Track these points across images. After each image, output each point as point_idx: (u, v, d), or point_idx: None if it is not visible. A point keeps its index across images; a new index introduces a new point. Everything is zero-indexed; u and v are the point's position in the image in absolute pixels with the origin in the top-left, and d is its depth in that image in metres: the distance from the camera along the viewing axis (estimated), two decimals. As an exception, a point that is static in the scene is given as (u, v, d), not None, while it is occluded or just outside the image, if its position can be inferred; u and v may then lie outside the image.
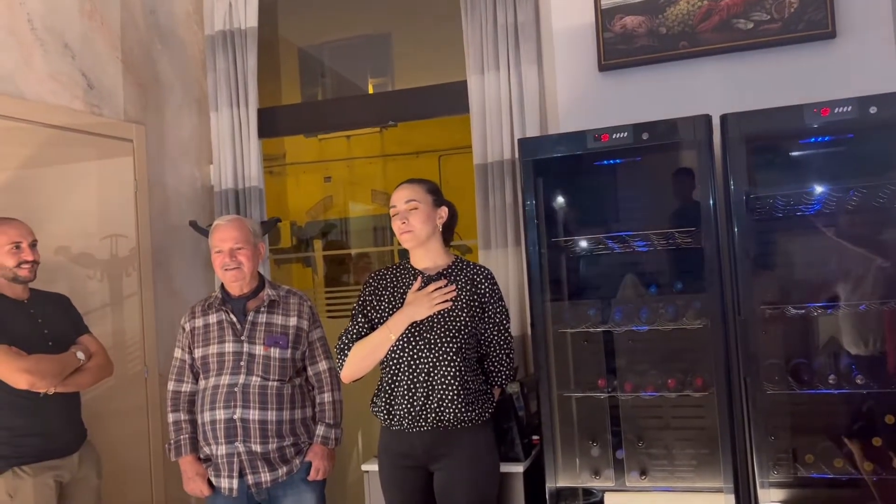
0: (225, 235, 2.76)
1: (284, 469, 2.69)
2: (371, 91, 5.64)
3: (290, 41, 5.30)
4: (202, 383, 2.75)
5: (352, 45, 5.52)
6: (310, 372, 2.82)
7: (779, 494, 2.71)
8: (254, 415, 2.64)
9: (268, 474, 2.66)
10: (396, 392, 2.47)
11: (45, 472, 2.68)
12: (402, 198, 2.53)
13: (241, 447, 2.64)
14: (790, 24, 3.08)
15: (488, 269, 2.59)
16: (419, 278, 2.52)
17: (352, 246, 6.64)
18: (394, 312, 2.50)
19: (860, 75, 3.01)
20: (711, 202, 2.64)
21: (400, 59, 5.49)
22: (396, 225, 2.52)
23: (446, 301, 2.45)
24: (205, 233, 3.64)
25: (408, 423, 2.45)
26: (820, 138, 2.74)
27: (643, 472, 2.96)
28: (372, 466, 2.83)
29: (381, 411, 2.52)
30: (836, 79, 3.04)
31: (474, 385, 2.47)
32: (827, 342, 2.84)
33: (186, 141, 4.05)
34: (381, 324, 2.51)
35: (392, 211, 2.54)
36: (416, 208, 2.51)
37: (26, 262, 2.73)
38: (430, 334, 2.44)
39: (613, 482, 3.00)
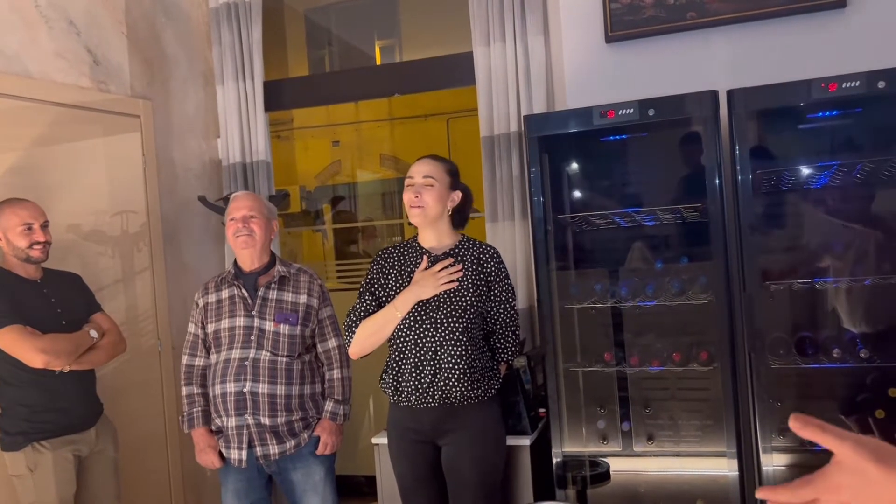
0: (240, 204, 2.80)
1: (292, 442, 2.74)
2: (378, 53, 5.61)
3: (296, 9, 5.26)
4: (214, 357, 2.80)
5: (358, 7, 5.47)
6: (319, 349, 2.87)
7: (781, 459, 2.76)
8: (263, 388, 2.69)
9: (276, 447, 2.72)
10: (404, 370, 2.51)
11: (63, 447, 2.76)
12: (420, 171, 2.53)
13: (250, 419, 2.70)
14: (800, -6, 3.03)
15: (494, 248, 2.61)
16: (425, 257, 2.54)
17: (360, 210, 6.66)
18: (401, 290, 2.52)
19: (871, 46, 2.96)
20: (717, 177, 2.65)
21: (407, 20, 5.45)
22: (408, 196, 2.52)
23: (452, 281, 2.47)
24: (214, 208, 3.67)
25: (415, 400, 2.49)
26: (827, 113, 2.72)
27: (650, 438, 3.02)
28: (382, 439, 2.90)
29: (389, 388, 2.56)
30: (846, 49, 3.00)
31: (480, 363, 2.51)
32: (832, 316, 2.85)
33: (193, 115, 4.05)
34: (389, 302, 2.54)
35: (408, 181, 2.54)
36: (431, 185, 2.50)
37: (38, 242, 2.77)
38: (437, 314, 2.47)
39: (620, 447, 3.07)
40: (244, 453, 2.72)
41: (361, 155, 6.70)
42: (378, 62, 5.67)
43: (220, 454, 2.79)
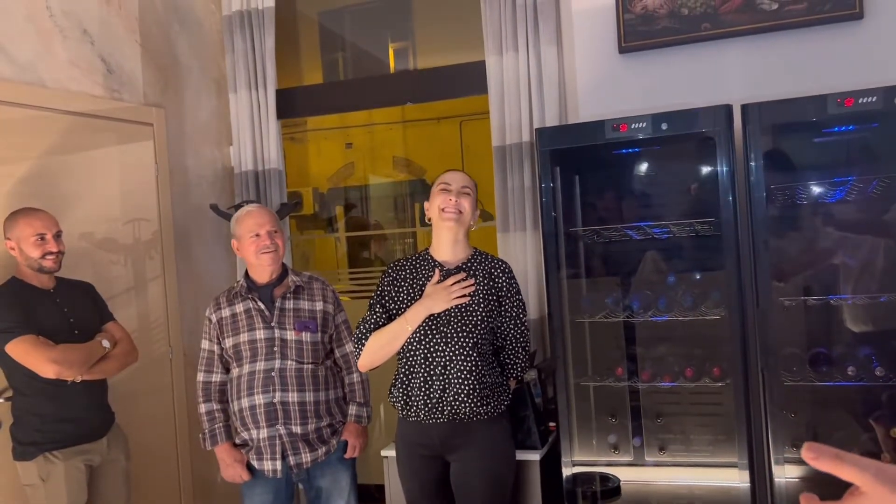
0: (261, 220, 2.79)
1: (323, 449, 2.77)
2: (392, 56, 5.59)
3: (309, 15, 5.26)
4: (235, 371, 2.80)
5: (371, 10, 5.46)
6: (337, 354, 2.89)
7: (794, 471, 2.73)
8: (293, 397, 2.71)
9: (308, 454, 2.74)
10: (413, 384, 2.50)
11: (75, 457, 2.77)
12: (458, 181, 2.53)
13: (282, 429, 2.71)
14: (816, 5, 3.00)
15: (506, 263, 2.59)
16: (437, 271, 2.53)
17: (373, 213, 6.65)
18: (412, 303, 2.50)
19: (888, 58, 2.93)
20: (731, 191, 2.62)
21: (421, 23, 5.43)
22: (445, 199, 2.49)
23: (464, 296, 2.46)
24: (226, 216, 3.67)
25: (424, 415, 2.48)
26: (843, 127, 2.69)
27: (661, 449, 3.00)
28: (391, 452, 2.89)
29: (399, 402, 2.55)
30: (863, 61, 2.96)
31: (490, 378, 2.50)
32: (847, 332, 2.82)
33: (206, 123, 4.06)
34: (399, 314, 2.52)
35: (443, 187, 2.51)
36: (469, 195, 2.52)
37: (51, 253, 2.77)
38: (448, 328, 2.46)
39: (632, 458, 3.05)
40: (279, 463, 2.73)
41: (374, 157, 6.70)
42: (391, 65, 5.66)
43: (248, 467, 2.79)
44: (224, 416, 2.83)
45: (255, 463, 2.77)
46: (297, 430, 2.71)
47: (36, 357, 2.63)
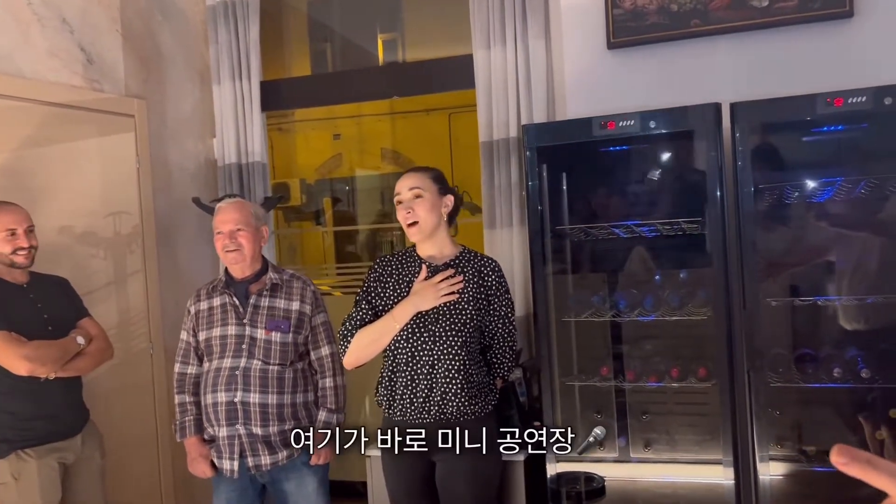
0: (226, 217, 2.74)
1: (285, 452, 2.70)
2: (381, 48, 5.54)
3: (298, 7, 5.19)
4: (206, 365, 2.76)
5: (360, 0, 5.40)
6: (312, 356, 2.82)
7: (779, 468, 2.73)
8: (254, 398, 2.65)
9: (268, 457, 2.67)
10: (398, 383, 2.46)
11: (48, 455, 2.71)
12: (405, 186, 2.47)
13: (241, 429, 2.65)
14: (806, 3, 2.97)
15: (496, 262, 2.55)
16: (424, 267, 2.48)
17: (360, 205, 6.60)
18: (398, 300, 2.46)
19: (878, 56, 2.90)
20: (719, 190, 2.60)
21: (410, 14, 5.38)
22: (401, 215, 2.46)
23: (452, 293, 2.41)
24: (208, 209, 3.61)
25: (410, 415, 2.44)
26: (833, 127, 2.67)
27: (647, 446, 2.99)
28: (374, 452, 2.85)
29: (384, 400, 2.51)
30: (853, 60, 2.93)
31: (477, 378, 2.46)
32: (833, 334, 2.80)
33: (189, 115, 4.00)
34: (385, 311, 2.48)
35: (396, 199, 2.48)
36: (420, 196, 2.45)
37: (22, 248, 2.71)
38: (436, 326, 2.41)
39: (617, 454, 3.03)
40: (236, 463, 2.68)
41: (362, 149, 6.63)
42: (380, 57, 5.60)
43: (213, 463, 2.75)
44: (196, 409, 2.79)
45: (215, 461, 2.73)
46: (258, 431, 2.65)
47: (7, 353, 2.57)
